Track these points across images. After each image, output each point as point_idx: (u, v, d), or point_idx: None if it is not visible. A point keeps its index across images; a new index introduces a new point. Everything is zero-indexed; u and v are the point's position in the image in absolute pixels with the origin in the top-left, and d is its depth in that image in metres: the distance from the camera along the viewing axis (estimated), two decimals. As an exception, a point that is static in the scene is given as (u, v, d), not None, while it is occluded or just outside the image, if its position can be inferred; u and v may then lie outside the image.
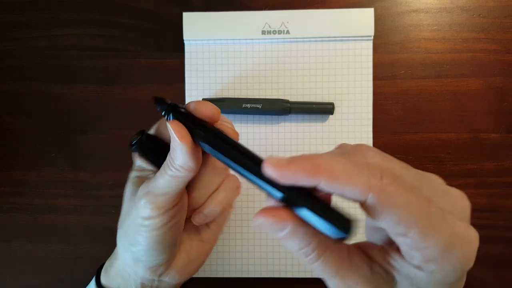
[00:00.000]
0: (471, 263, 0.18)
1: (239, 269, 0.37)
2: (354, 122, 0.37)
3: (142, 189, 0.25)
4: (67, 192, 0.38)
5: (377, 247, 0.20)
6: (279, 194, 0.18)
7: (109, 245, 0.39)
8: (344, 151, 0.20)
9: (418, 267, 0.17)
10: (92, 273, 0.38)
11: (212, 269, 0.37)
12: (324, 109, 0.36)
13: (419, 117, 0.37)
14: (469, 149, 0.37)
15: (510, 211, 0.36)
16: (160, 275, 0.26)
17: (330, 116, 0.37)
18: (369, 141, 0.37)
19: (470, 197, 0.39)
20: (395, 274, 0.19)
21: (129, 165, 0.37)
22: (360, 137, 0.37)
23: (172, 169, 0.23)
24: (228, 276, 0.37)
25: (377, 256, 0.19)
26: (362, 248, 0.20)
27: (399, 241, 0.17)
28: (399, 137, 0.37)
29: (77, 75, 0.38)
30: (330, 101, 0.37)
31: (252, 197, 0.37)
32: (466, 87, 0.37)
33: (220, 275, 0.37)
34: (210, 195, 0.26)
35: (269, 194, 0.19)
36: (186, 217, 0.26)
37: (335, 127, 0.37)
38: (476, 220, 0.38)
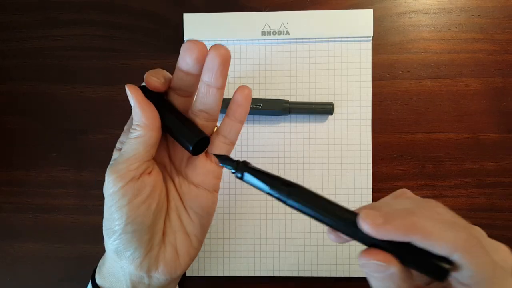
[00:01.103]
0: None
1: (239, 268, 0.37)
2: (354, 122, 0.37)
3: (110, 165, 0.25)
4: (67, 192, 0.38)
5: None
6: (370, 243, 0.20)
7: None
8: (414, 203, 0.21)
9: (465, 285, 0.20)
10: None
11: (212, 269, 0.37)
12: (323, 109, 0.36)
13: (418, 117, 0.37)
14: (468, 149, 0.37)
15: (509, 210, 0.36)
16: (148, 271, 0.26)
17: (330, 116, 0.37)
18: (368, 141, 0.37)
19: (469, 197, 0.39)
20: None
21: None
22: (359, 137, 0.37)
23: (132, 130, 0.24)
24: (228, 276, 0.37)
25: None
26: None
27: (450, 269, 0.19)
28: (398, 137, 0.37)
29: (77, 75, 0.38)
30: (330, 101, 0.37)
31: (252, 196, 0.37)
32: (465, 87, 0.37)
33: (220, 274, 0.37)
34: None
35: (359, 241, 0.21)
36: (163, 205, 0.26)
37: (334, 127, 0.37)
38: (475, 220, 0.38)
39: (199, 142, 0.24)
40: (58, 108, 0.38)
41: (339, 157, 0.37)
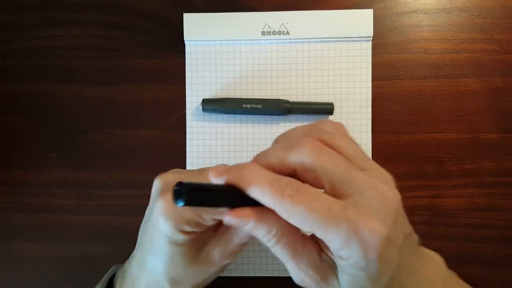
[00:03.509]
0: (372, 252, 0.20)
1: (239, 268, 0.37)
2: (354, 122, 0.37)
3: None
4: (67, 192, 0.38)
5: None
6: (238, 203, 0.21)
7: (109, 245, 0.39)
8: (308, 126, 0.23)
9: (338, 256, 0.21)
10: (93, 272, 0.38)
11: (212, 269, 0.37)
12: (323, 109, 0.36)
13: (418, 117, 0.37)
14: (468, 149, 0.37)
15: (510, 210, 0.36)
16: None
17: (330, 116, 0.37)
18: (368, 141, 0.37)
19: (469, 197, 0.39)
20: (333, 262, 0.22)
21: (129, 165, 0.37)
22: (359, 137, 0.37)
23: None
24: (228, 276, 0.37)
25: (323, 246, 0.23)
26: (315, 239, 0.23)
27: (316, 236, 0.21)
28: (398, 137, 0.37)
29: (77, 76, 0.38)
30: (330, 101, 0.37)
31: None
32: (465, 87, 0.37)
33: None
34: None
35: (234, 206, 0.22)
36: None
37: (334, 127, 0.37)
38: (476, 220, 0.38)
39: None
40: (58, 108, 0.38)
41: (339, 157, 0.37)
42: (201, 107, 0.36)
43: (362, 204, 0.20)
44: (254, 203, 0.21)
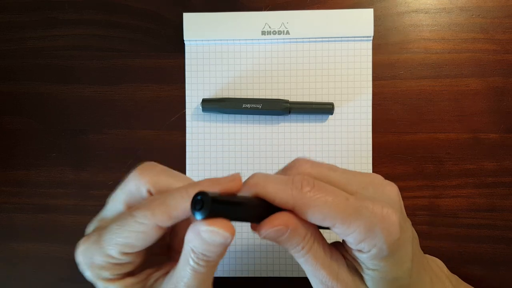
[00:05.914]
0: (394, 235, 0.20)
1: (239, 268, 0.37)
2: (354, 122, 0.37)
3: None
4: (67, 192, 0.38)
5: (342, 244, 0.23)
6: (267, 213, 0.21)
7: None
8: (285, 168, 0.23)
9: (359, 251, 0.21)
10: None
11: (212, 269, 0.37)
12: (324, 109, 0.36)
13: (418, 117, 0.37)
14: (469, 149, 0.37)
15: (510, 211, 0.36)
16: None
17: (330, 116, 0.37)
18: (369, 141, 0.37)
19: (469, 197, 0.39)
20: (357, 264, 0.22)
21: (128, 165, 0.37)
22: (359, 137, 0.37)
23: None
24: (227, 276, 0.37)
25: (344, 252, 0.23)
26: (336, 247, 0.24)
27: (336, 233, 0.21)
28: (398, 137, 0.37)
29: (77, 75, 0.38)
30: (330, 101, 0.37)
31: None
32: (466, 87, 0.37)
33: (220, 274, 0.37)
34: None
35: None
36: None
37: (334, 127, 0.37)
38: (476, 220, 0.38)
39: None
40: (58, 108, 0.38)
41: (339, 157, 0.37)
42: (201, 107, 0.36)
43: (370, 196, 0.21)
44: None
